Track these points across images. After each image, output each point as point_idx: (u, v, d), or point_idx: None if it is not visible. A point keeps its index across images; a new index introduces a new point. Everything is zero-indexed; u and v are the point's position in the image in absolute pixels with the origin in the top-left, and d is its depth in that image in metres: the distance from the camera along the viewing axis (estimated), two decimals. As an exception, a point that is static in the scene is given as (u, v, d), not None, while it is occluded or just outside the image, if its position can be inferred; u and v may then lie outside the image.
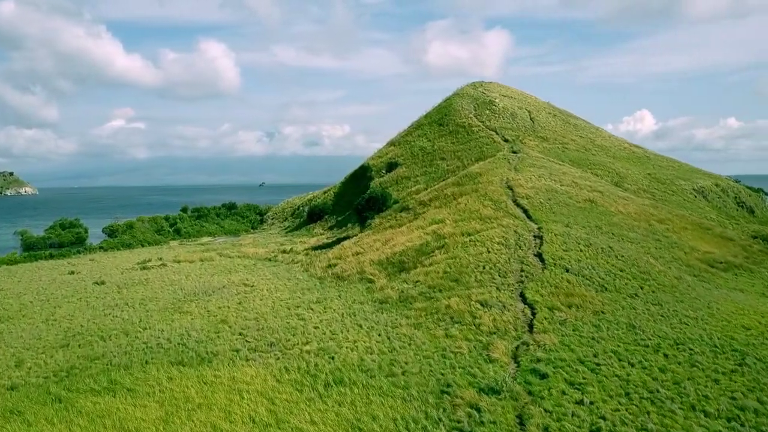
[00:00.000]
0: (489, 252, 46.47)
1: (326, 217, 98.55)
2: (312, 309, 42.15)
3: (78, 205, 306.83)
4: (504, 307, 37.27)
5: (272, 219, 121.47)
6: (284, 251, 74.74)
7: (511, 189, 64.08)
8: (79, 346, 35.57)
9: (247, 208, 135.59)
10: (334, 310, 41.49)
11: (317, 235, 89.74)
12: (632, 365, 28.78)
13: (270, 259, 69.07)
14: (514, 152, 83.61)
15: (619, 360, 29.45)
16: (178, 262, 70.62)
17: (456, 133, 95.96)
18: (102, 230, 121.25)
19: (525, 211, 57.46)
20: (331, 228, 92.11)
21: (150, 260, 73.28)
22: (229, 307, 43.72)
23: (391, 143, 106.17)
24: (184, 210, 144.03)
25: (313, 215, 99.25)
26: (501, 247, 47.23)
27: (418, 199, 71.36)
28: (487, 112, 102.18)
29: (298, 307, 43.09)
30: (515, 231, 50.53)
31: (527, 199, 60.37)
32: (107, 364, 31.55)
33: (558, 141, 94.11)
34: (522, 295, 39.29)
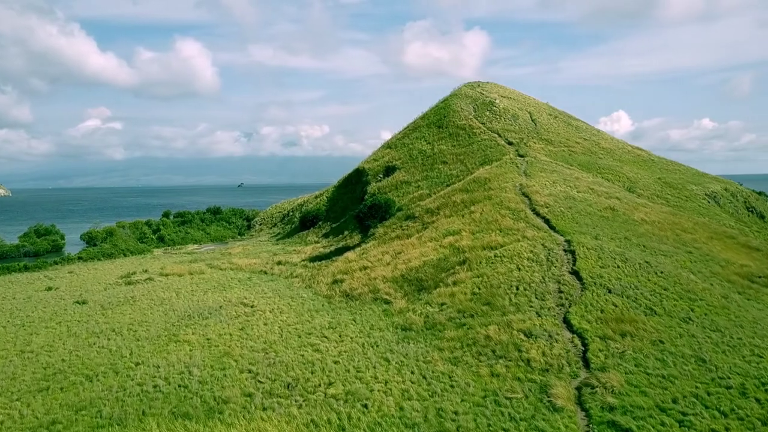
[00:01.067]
0: (520, 269, 41.95)
1: (320, 223, 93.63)
2: (326, 337, 37.30)
3: (53, 207, 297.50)
4: (551, 337, 32.73)
5: (260, 224, 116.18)
6: (279, 263, 69.79)
7: (528, 196, 59.75)
8: (62, 389, 30.31)
9: (232, 212, 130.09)
10: (351, 338, 36.68)
11: (312, 244, 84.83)
12: (725, 415, 24.40)
13: (266, 272, 64.01)
14: (521, 156, 79.42)
15: (706, 407, 25.05)
16: (166, 275, 65.28)
17: (456, 135, 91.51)
18: (80, 237, 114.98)
19: (547, 221, 53.11)
20: (326, 236, 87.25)
21: (135, 273, 67.88)
22: (231, 335, 38.70)
23: (387, 146, 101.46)
24: (167, 215, 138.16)
25: (306, 222, 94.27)
26: (531, 263, 42.75)
27: (424, 206, 66.76)
28: (488, 113, 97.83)
29: (309, 334, 38.20)
30: (543, 244, 46.08)
31: (547, 207, 56.03)
32: (96, 416, 26.42)
33: (563, 144, 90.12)
34: (566, 322, 34.80)
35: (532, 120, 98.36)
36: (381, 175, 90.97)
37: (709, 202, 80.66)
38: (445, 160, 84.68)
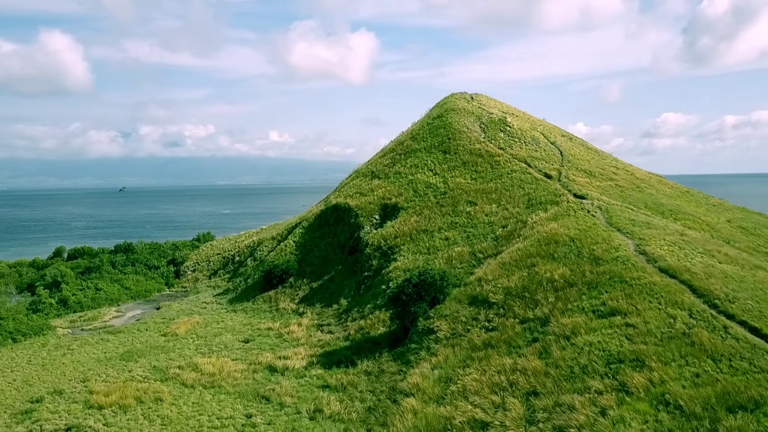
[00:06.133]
0: None
1: (291, 280, 69.89)
2: None
3: None
4: None
5: (193, 271, 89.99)
6: (273, 369, 46.46)
7: (677, 277, 39.99)
8: None
9: (149, 250, 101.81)
10: None
11: (291, 315, 61.50)
12: None
13: (267, 399, 40.48)
14: (579, 197, 60.02)
15: None
16: (99, 408, 39.94)
17: (474, 164, 70.84)
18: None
19: (755, 331, 33.41)
20: (306, 301, 64.07)
21: (42, 400, 42.12)
22: None
23: (371, 174, 78.89)
24: (59, 252, 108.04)
25: (272, 278, 70.17)
26: None
27: (496, 283, 45.45)
28: (502, 135, 77.95)
29: None
30: (840, 404, 26.16)
31: (731, 302, 36.34)
32: None
33: (604, 176, 71.83)
34: None
35: (552, 143, 79.63)
36: (377, 217, 68.62)
37: (796, 252, 64.92)
38: (471, 200, 63.72)
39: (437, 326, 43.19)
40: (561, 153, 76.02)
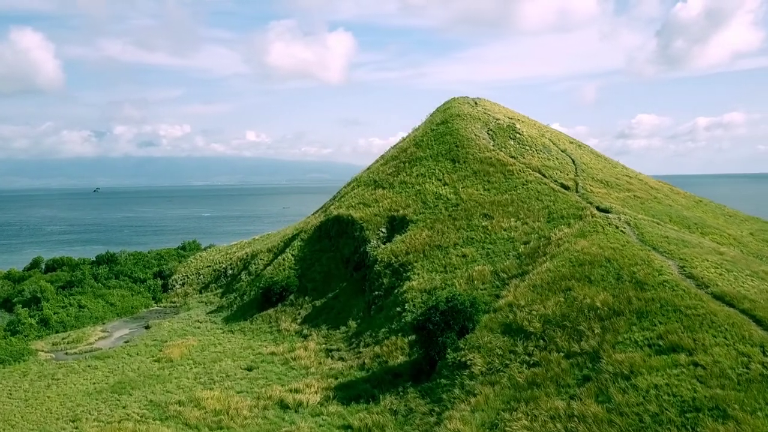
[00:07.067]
0: None
1: (291, 297, 65.49)
2: None
3: None
4: None
5: (182, 285, 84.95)
6: (284, 404, 42.18)
7: (735, 306, 36.52)
8: None
9: (132, 261, 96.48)
10: None
11: (295, 338, 57.30)
12: None
13: (284, 444, 36.14)
14: (603, 211, 56.57)
15: None
16: (94, 457, 35.37)
17: (485, 174, 67.00)
18: None
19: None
20: (310, 321, 59.82)
21: (26, 447, 37.43)
22: None
23: (374, 183, 74.66)
24: (37, 264, 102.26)
25: (271, 296, 65.72)
26: None
27: (531, 309, 41.63)
28: (512, 142, 74.28)
29: None
30: None
31: (805, 338, 32.95)
32: None
33: (621, 187, 68.46)
34: None
35: (562, 151, 76.23)
36: (384, 230, 64.50)
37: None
38: (486, 213, 59.90)
39: (470, 360, 39.18)
40: (573, 162, 72.59)
